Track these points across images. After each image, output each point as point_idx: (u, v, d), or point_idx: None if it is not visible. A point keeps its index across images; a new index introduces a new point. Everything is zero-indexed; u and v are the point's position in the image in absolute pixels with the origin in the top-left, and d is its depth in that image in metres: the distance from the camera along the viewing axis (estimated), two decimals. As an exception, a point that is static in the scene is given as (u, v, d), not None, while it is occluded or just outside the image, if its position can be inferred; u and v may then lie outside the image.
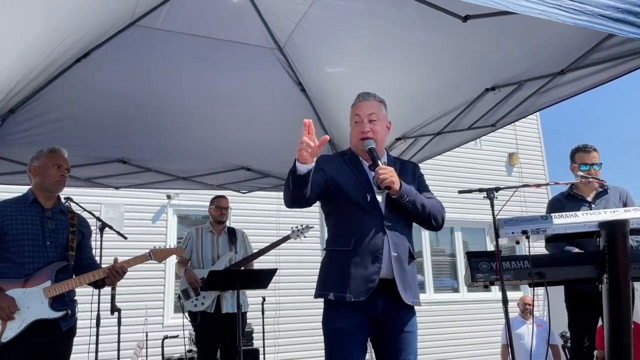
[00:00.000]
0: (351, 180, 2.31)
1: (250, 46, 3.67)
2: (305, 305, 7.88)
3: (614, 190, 3.47)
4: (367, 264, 2.17)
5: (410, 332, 2.24)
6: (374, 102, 2.41)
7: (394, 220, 2.27)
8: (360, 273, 2.17)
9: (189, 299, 4.29)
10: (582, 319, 3.38)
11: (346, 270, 2.18)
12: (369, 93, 2.45)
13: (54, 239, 2.78)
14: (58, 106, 3.65)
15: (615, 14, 2.04)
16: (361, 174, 2.34)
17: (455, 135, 3.87)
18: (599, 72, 2.82)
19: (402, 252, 2.25)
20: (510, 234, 2.52)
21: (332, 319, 2.24)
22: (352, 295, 2.15)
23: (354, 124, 2.40)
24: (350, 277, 2.16)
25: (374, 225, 2.23)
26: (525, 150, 10.91)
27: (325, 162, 2.35)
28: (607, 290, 2.36)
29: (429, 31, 2.88)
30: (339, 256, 2.24)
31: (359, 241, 2.21)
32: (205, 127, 4.25)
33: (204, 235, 4.53)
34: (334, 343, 2.20)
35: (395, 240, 2.24)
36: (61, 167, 2.89)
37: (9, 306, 2.56)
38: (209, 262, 4.38)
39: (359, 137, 2.35)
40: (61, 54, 3.03)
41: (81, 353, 3.07)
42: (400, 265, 2.22)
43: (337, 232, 2.31)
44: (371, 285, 2.15)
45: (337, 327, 2.21)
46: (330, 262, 2.29)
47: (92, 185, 4.78)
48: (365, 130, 2.33)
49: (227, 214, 4.64)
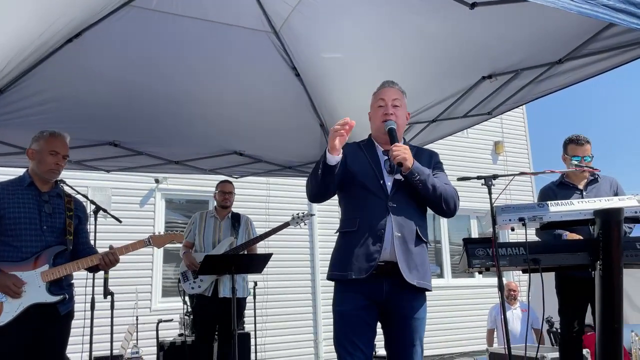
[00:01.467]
0: (364, 165, 2.36)
1: (245, 29, 3.62)
2: (292, 290, 7.94)
3: (604, 179, 3.53)
4: (369, 243, 2.21)
5: (417, 319, 2.27)
6: (398, 89, 2.49)
7: (401, 202, 2.29)
8: (362, 252, 2.21)
9: (187, 281, 4.32)
10: (572, 304, 3.46)
11: (350, 250, 2.24)
12: (394, 81, 2.50)
13: (50, 222, 2.74)
14: (48, 87, 3.57)
15: (617, 4, 2.06)
16: (373, 159, 2.39)
17: (450, 123, 3.90)
18: (596, 62, 2.85)
19: (407, 233, 2.26)
20: (507, 221, 2.54)
21: (338, 302, 2.29)
22: (353, 273, 2.19)
23: (377, 107, 2.43)
24: (353, 256, 2.22)
25: (378, 206, 2.27)
26: (510, 138, 11.02)
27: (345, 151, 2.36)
28: (600, 277, 2.41)
29: (430, 17, 2.88)
30: (346, 238, 2.31)
31: (363, 222, 2.25)
32: (198, 111, 4.21)
33: (208, 219, 4.55)
34: (340, 326, 2.25)
35: (400, 222, 2.25)
36: (58, 154, 2.82)
37: (14, 283, 2.54)
38: (209, 246, 4.40)
39: (381, 119, 2.38)
40: (54, 34, 2.96)
41: (75, 336, 3.05)
42: (405, 246, 2.23)
43: (345, 215, 2.38)
44: (372, 264, 2.18)
45: (342, 310, 2.26)
46: (338, 244, 2.36)
47: (82, 168, 4.72)
48: (389, 112, 2.38)
49: (230, 198, 4.63)
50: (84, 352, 3.85)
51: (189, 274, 4.33)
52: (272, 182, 7.92)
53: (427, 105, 3.82)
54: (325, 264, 8.48)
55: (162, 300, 7.33)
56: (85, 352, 3.80)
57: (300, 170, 5.35)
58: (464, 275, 9.82)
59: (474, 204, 9.52)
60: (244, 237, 4.54)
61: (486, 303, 8.10)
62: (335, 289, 2.33)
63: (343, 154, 2.29)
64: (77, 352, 3.80)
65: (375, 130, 2.47)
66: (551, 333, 4.76)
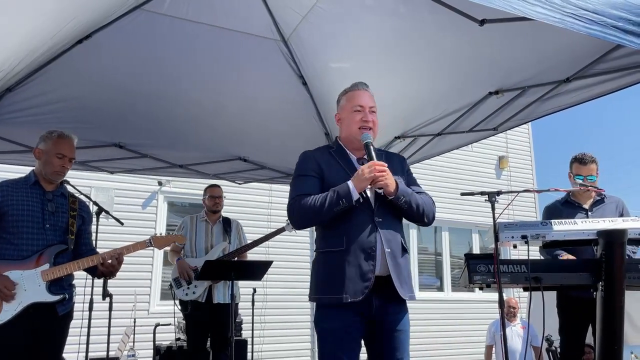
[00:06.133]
0: (341, 176, 2.22)
1: (254, 37, 3.64)
2: (291, 297, 7.90)
3: (610, 200, 3.50)
4: (361, 262, 2.12)
5: (403, 331, 2.21)
6: (370, 94, 2.39)
7: (385, 215, 2.22)
8: (355, 272, 2.11)
9: (180, 287, 4.28)
10: (572, 324, 3.43)
11: (341, 271, 2.13)
12: (365, 83, 2.40)
13: (53, 221, 2.74)
14: (57, 87, 3.59)
15: (627, 26, 2.06)
16: (350, 168, 2.27)
17: (455, 137, 3.89)
18: (603, 83, 2.85)
19: (395, 247, 2.20)
20: (509, 237, 2.54)
21: (324, 319, 2.20)
22: (349, 296, 2.09)
23: (353, 112, 2.31)
24: (346, 278, 2.11)
25: (365, 222, 2.17)
26: (515, 154, 11.01)
27: (316, 160, 2.30)
28: (602, 297, 2.41)
29: (440, 32, 2.88)
30: (332, 257, 2.18)
31: (351, 240, 2.15)
32: (204, 116, 4.22)
33: (198, 224, 4.49)
34: (327, 343, 2.17)
35: (388, 236, 2.19)
36: (65, 157, 2.82)
37: (5, 286, 2.52)
38: (202, 251, 4.36)
39: (359, 125, 2.29)
40: (65, 35, 2.98)
41: (72, 336, 3.04)
42: (395, 261, 2.17)
43: (328, 232, 2.23)
44: (367, 284, 2.10)
45: (329, 327, 2.16)
46: (323, 264, 2.23)
47: (86, 168, 4.73)
48: (368, 120, 2.29)
49: (221, 203, 4.60)
50: (80, 353, 3.83)
51: (182, 279, 4.27)
52: (275, 188, 7.91)
53: (433, 118, 3.83)
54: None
55: (161, 303, 7.31)
56: (81, 352, 3.78)
57: (303, 178, 5.34)
58: (464, 290, 9.77)
59: (476, 217, 9.52)
60: (236, 242, 4.51)
61: (486, 318, 8.05)
62: (319, 305, 2.24)
63: (316, 162, 2.26)
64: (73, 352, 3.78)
65: (348, 135, 2.34)
66: (550, 352, 4.72)
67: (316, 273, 2.26)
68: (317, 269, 2.26)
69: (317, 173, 2.26)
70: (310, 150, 2.39)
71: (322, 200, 2.14)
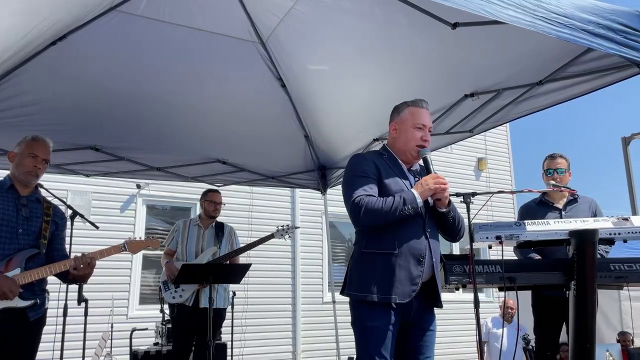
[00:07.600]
0: (396, 183, 2.37)
1: (232, 39, 3.63)
2: (272, 300, 7.88)
3: (583, 200, 3.57)
4: (411, 267, 2.27)
5: (433, 331, 2.41)
6: (430, 113, 2.53)
7: (432, 226, 2.39)
8: (405, 276, 2.26)
9: (168, 291, 4.27)
10: (547, 323, 3.49)
11: (391, 273, 2.25)
12: (426, 101, 2.52)
13: (27, 226, 2.70)
14: (30, 89, 3.54)
15: (596, 30, 2.11)
16: (403, 177, 2.41)
17: (432, 139, 3.90)
18: (575, 85, 2.91)
19: (437, 257, 2.39)
20: (484, 238, 2.57)
21: (369, 317, 2.28)
22: (397, 297, 2.23)
23: (414, 129, 2.42)
24: (395, 280, 2.24)
25: (418, 230, 2.32)
26: (493, 155, 11.15)
27: (374, 163, 2.40)
28: (574, 296, 2.44)
29: (414, 35, 2.91)
30: (384, 258, 2.29)
31: (403, 245, 2.28)
32: (181, 118, 4.19)
33: (191, 228, 4.46)
34: (370, 341, 2.26)
35: (434, 246, 2.36)
36: (37, 157, 2.78)
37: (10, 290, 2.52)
38: (192, 255, 4.33)
39: (418, 142, 2.41)
40: (38, 36, 2.93)
41: (46, 342, 2.98)
42: (436, 270, 2.36)
43: (381, 234, 2.32)
44: (414, 288, 2.26)
45: (374, 325, 2.26)
46: (373, 264, 2.32)
47: (61, 171, 4.65)
48: (428, 140, 2.44)
49: (220, 209, 4.55)
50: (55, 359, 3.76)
51: (170, 283, 4.26)
52: (256, 190, 7.89)
53: (410, 120, 3.85)
54: (307, 275, 8.47)
55: (140, 307, 7.22)
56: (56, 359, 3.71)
57: (283, 180, 5.35)
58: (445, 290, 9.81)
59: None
60: (227, 247, 4.48)
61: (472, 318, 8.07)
62: (364, 304, 2.30)
63: (374, 164, 2.36)
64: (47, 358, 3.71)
65: (404, 147, 2.46)
66: (527, 351, 4.79)
67: (363, 271, 2.33)
68: (363, 268, 2.34)
69: (375, 175, 2.36)
70: (363, 152, 2.54)
71: (390, 203, 2.25)
